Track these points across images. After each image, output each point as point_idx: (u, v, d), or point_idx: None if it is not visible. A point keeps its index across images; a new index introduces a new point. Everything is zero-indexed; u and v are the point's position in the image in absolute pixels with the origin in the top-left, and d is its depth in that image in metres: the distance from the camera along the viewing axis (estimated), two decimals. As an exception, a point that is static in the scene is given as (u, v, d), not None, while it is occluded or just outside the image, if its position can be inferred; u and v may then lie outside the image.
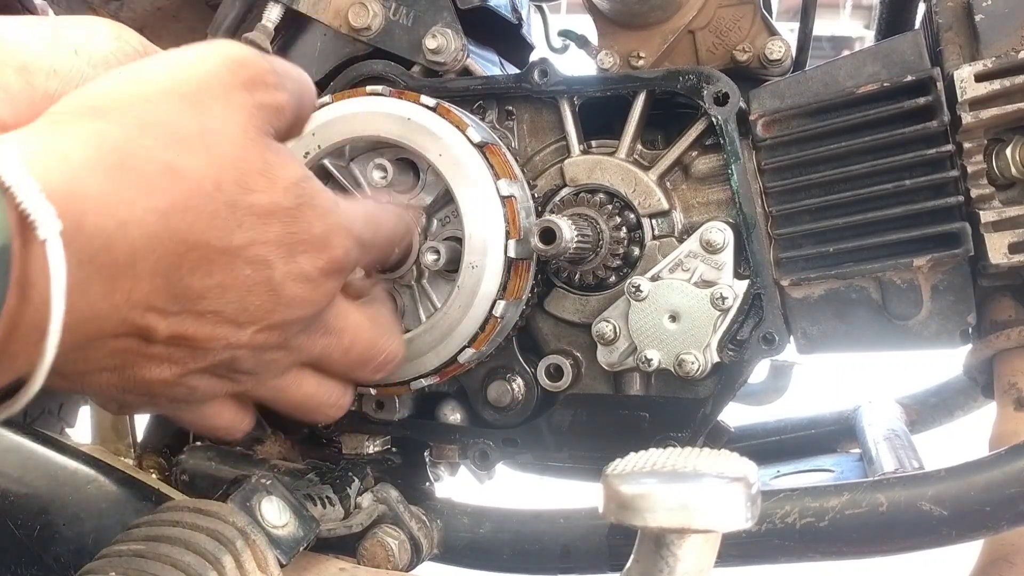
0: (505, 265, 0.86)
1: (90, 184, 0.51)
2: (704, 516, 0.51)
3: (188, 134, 0.58)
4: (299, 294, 0.65)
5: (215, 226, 0.58)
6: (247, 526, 0.73)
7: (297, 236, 0.64)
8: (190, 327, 0.61)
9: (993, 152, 0.82)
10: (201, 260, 0.58)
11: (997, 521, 0.75)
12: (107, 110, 0.56)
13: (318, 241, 0.65)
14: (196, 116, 0.59)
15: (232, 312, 0.62)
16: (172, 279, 0.57)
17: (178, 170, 0.56)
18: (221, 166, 0.59)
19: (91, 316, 0.54)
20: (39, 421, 1.55)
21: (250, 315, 0.63)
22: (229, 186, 0.59)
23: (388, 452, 1.02)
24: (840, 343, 0.89)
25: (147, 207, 0.54)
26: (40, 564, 0.83)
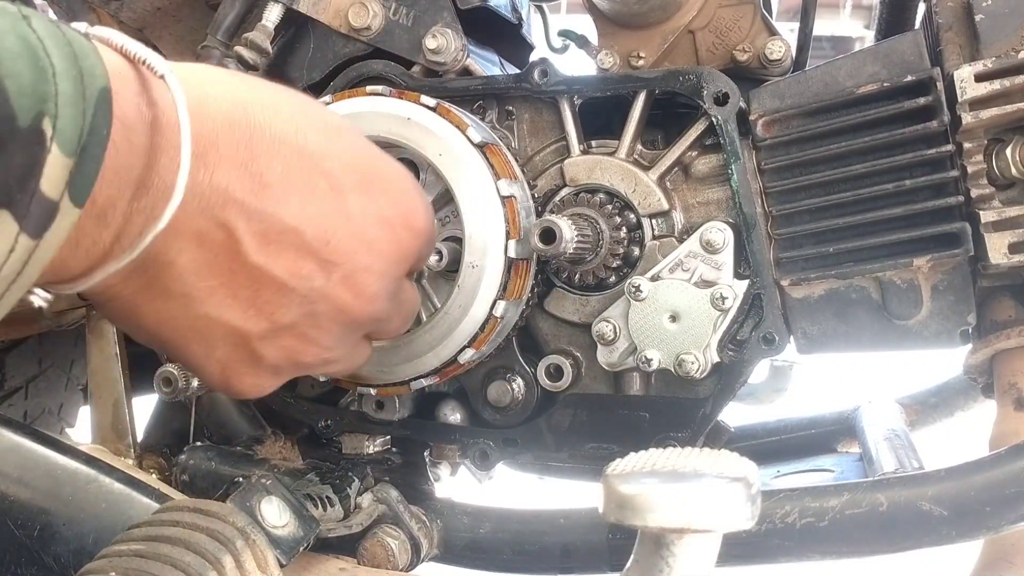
0: (505, 265, 0.86)
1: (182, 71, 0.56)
2: (704, 516, 0.51)
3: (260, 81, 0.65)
4: (380, 237, 0.66)
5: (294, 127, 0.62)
6: (247, 526, 0.73)
7: (370, 174, 0.66)
8: (272, 249, 0.61)
9: (993, 152, 0.82)
10: (277, 155, 0.60)
11: (997, 521, 0.75)
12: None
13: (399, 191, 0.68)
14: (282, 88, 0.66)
15: (313, 237, 0.62)
16: (250, 169, 0.59)
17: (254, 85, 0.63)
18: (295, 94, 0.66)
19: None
20: (39, 421, 1.55)
21: (332, 250, 0.63)
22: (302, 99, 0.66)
23: (388, 452, 1.02)
24: (840, 343, 0.89)
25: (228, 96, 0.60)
26: (40, 564, 0.83)
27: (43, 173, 0.46)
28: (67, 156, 0.47)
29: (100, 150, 0.49)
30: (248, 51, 0.98)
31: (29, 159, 0.45)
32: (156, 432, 1.13)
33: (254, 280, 0.61)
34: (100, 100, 0.49)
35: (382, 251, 0.66)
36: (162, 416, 1.14)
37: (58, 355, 1.57)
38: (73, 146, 0.47)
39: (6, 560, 0.84)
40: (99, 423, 1.06)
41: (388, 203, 0.67)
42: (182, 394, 0.93)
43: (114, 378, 1.06)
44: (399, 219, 0.67)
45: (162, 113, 0.54)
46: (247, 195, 0.59)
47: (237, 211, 0.59)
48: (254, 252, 0.60)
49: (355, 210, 0.64)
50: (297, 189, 0.61)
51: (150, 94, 0.54)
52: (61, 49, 0.47)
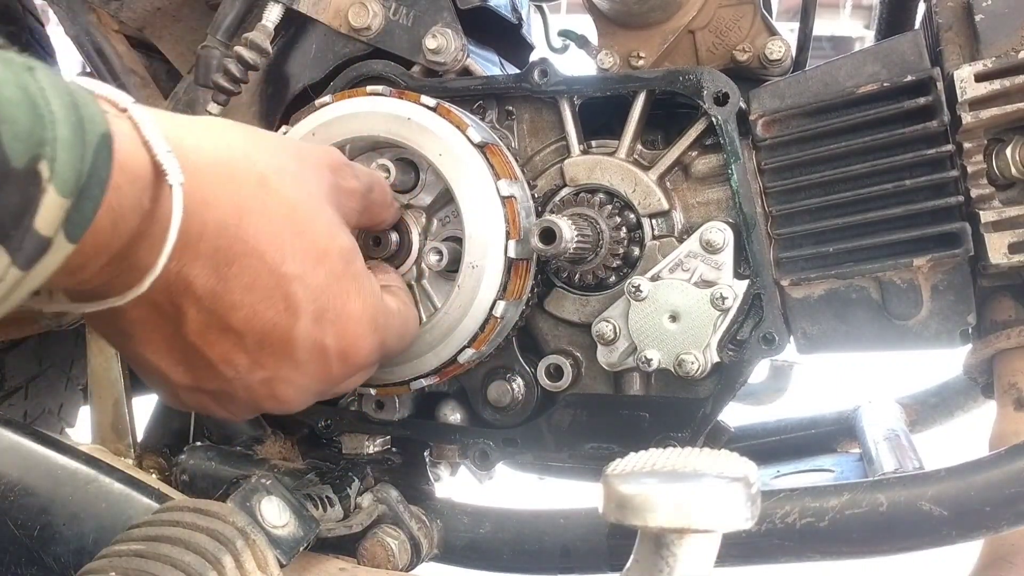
0: (505, 265, 0.86)
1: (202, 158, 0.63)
2: (704, 516, 0.51)
3: (284, 168, 0.70)
4: (310, 362, 0.71)
5: (276, 245, 0.67)
6: (247, 526, 0.73)
7: (331, 306, 0.71)
8: (212, 337, 0.67)
9: (993, 152, 0.82)
10: (250, 267, 0.65)
11: (997, 521, 0.75)
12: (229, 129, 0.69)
13: (349, 327, 0.72)
14: (296, 161, 0.72)
15: (251, 342, 0.68)
16: (220, 272, 0.64)
17: (268, 184, 0.67)
18: (301, 201, 0.70)
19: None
20: (39, 421, 1.55)
21: (264, 356, 0.69)
22: (301, 218, 0.69)
23: (388, 452, 1.02)
24: (840, 343, 0.89)
25: (228, 200, 0.64)
26: (40, 564, 0.83)
27: (38, 212, 0.49)
28: (63, 197, 0.50)
29: (99, 192, 0.53)
30: (248, 51, 0.97)
31: (24, 198, 0.48)
32: (156, 432, 1.13)
33: (189, 351, 0.68)
34: (100, 145, 0.52)
35: (307, 372, 0.72)
36: (162, 416, 1.14)
37: (58, 355, 1.57)
38: (70, 187, 0.50)
39: (6, 560, 0.84)
40: (99, 423, 1.06)
41: (333, 336, 0.71)
42: (182, 394, 0.93)
43: (114, 378, 1.06)
44: (336, 352, 0.72)
45: (160, 209, 0.58)
46: (206, 293, 0.65)
47: (192, 302, 0.65)
48: (195, 334, 0.67)
49: (299, 333, 0.69)
50: (253, 301, 0.67)
51: (158, 190, 0.58)
52: (61, 98, 0.50)
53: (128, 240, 0.58)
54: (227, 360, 0.69)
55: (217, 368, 0.69)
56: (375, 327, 0.75)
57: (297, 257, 0.68)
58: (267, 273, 0.66)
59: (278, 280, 0.67)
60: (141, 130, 0.57)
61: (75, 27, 1.17)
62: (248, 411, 0.75)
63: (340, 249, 0.72)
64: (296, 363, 0.70)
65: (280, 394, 0.72)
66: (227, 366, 0.69)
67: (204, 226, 0.62)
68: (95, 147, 0.52)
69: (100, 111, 0.54)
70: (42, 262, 0.51)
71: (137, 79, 1.17)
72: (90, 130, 0.52)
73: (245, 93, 1.03)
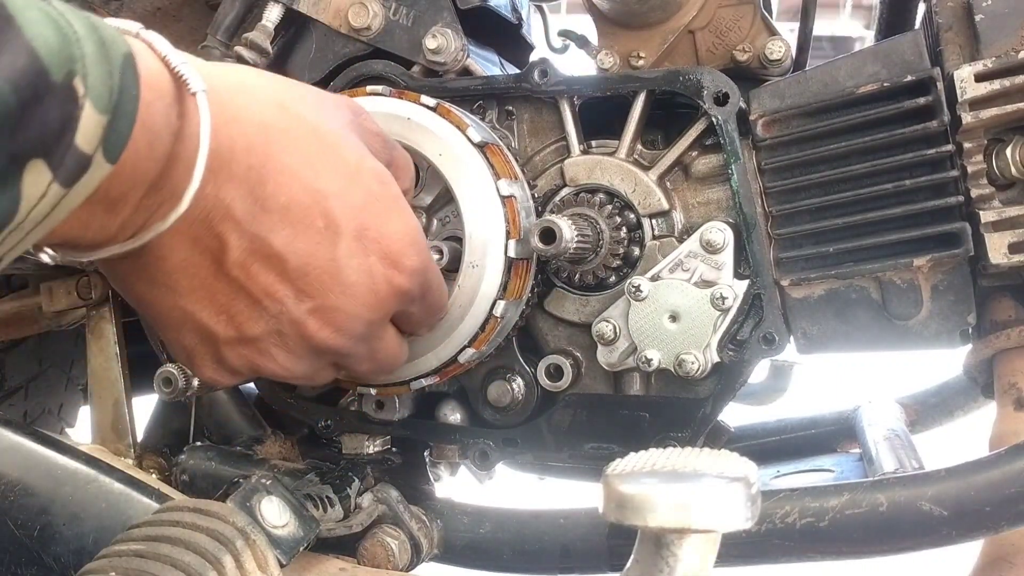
0: (505, 265, 0.86)
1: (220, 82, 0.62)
2: (704, 516, 0.51)
3: (303, 95, 0.70)
4: (357, 284, 0.69)
5: (307, 163, 0.66)
6: (247, 526, 0.73)
7: (372, 224, 0.69)
8: (255, 268, 0.65)
9: (993, 152, 0.82)
10: (284, 186, 0.64)
11: (997, 521, 0.75)
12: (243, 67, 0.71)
13: (393, 246, 0.70)
14: (314, 93, 0.72)
15: (294, 268, 0.66)
16: (256, 192, 0.63)
17: (288, 108, 0.66)
18: (323, 123, 0.69)
19: None
20: (39, 421, 1.55)
21: (309, 283, 0.67)
22: (326, 138, 0.68)
23: (388, 452, 1.01)
24: (840, 343, 0.89)
25: (252, 118, 0.63)
26: (40, 564, 0.83)
27: (78, 128, 0.49)
28: (100, 113, 0.50)
29: (132, 108, 0.53)
30: (248, 51, 0.98)
31: (64, 114, 0.48)
32: (156, 432, 1.13)
33: (232, 290, 0.66)
34: (125, 64, 0.52)
35: (356, 296, 0.69)
36: (162, 416, 1.14)
37: (58, 355, 1.57)
38: (105, 103, 0.50)
39: (6, 560, 0.84)
40: (99, 423, 1.06)
41: (377, 255, 0.70)
42: (182, 394, 0.93)
43: (114, 378, 1.06)
44: (382, 273, 0.70)
45: (188, 125, 0.58)
46: (245, 216, 0.63)
47: (232, 227, 0.63)
48: (237, 266, 0.65)
49: (342, 253, 0.67)
50: (293, 221, 0.65)
51: (183, 105, 0.58)
52: (81, 20, 0.51)
53: (163, 164, 0.57)
54: (271, 293, 0.66)
55: (262, 304, 0.67)
56: (418, 248, 0.73)
57: (330, 174, 0.67)
58: (302, 191, 0.65)
59: (315, 197, 0.66)
60: (156, 48, 0.57)
61: (75, 27, 1.16)
62: (300, 352, 0.71)
63: (373, 169, 0.71)
64: (343, 286, 0.68)
65: (331, 321, 0.69)
66: (271, 300, 0.67)
67: (233, 142, 0.61)
68: (120, 65, 0.52)
69: (118, 33, 0.54)
70: (83, 181, 0.51)
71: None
72: (113, 49, 0.52)
73: (245, 93, 1.02)
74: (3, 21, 0.46)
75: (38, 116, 0.47)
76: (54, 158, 0.49)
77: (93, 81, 0.50)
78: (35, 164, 0.48)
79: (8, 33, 0.46)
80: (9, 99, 0.45)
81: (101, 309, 1.09)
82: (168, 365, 0.93)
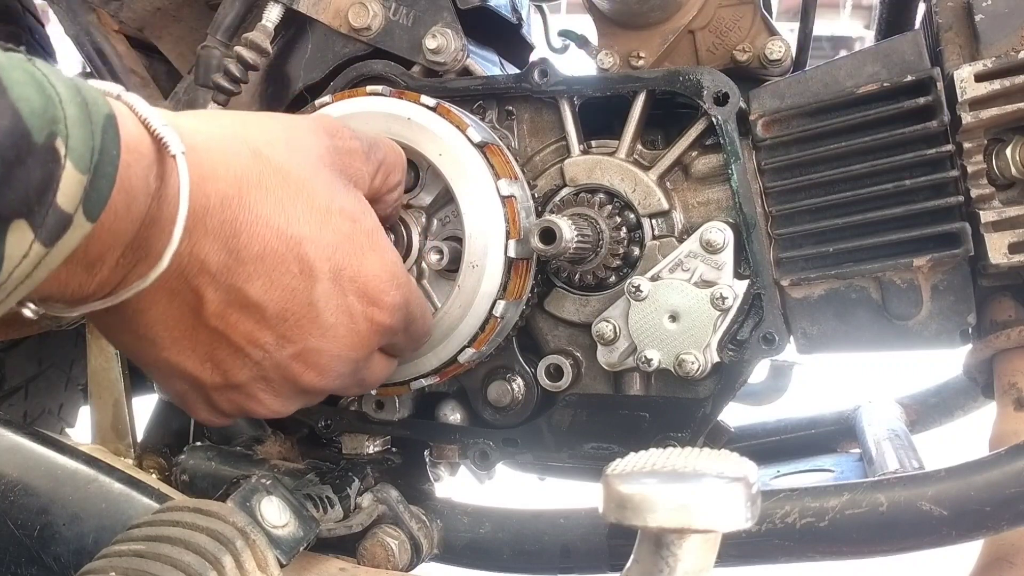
0: (505, 265, 0.86)
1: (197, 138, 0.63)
2: (704, 516, 0.51)
3: (275, 138, 0.70)
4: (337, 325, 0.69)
5: (278, 210, 0.66)
6: (247, 526, 0.73)
7: (347, 264, 0.69)
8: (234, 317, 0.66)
9: (993, 152, 0.82)
10: (258, 235, 0.65)
11: (997, 521, 0.75)
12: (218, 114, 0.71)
13: (370, 285, 0.71)
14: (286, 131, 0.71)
15: (273, 315, 0.67)
16: (230, 244, 0.64)
17: (261, 154, 0.67)
18: (295, 166, 0.69)
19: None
20: (39, 421, 1.55)
21: (289, 328, 0.68)
22: (296, 182, 0.68)
23: (388, 452, 1.02)
24: (840, 343, 0.89)
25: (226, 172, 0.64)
26: (40, 564, 0.83)
27: (59, 188, 0.50)
28: (81, 173, 0.51)
29: (112, 169, 0.54)
30: (248, 51, 0.97)
31: (46, 174, 0.49)
32: (156, 432, 1.13)
33: (213, 339, 0.67)
34: (107, 125, 0.54)
35: (337, 337, 0.70)
36: (162, 416, 1.14)
37: (58, 355, 1.57)
38: (86, 163, 0.52)
39: (6, 560, 0.84)
40: (99, 423, 1.06)
41: (355, 294, 0.70)
42: (182, 394, 0.93)
43: (114, 378, 1.06)
44: (362, 311, 0.71)
45: (167, 187, 0.59)
46: (220, 268, 0.64)
47: (208, 280, 0.64)
48: (216, 317, 0.66)
49: (319, 296, 0.68)
50: (268, 270, 0.66)
51: (162, 166, 0.59)
52: (64, 83, 0.52)
53: (140, 224, 0.58)
54: (252, 340, 0.67)
55: (244, 352, 0.68)
56: (397, 283, 0.73)
57: (302, 218, 0.67)
58: (276, 238, 0.66)
59: (288, 243, 0.66)
60: (137, 111, 0.58)
61: (75, 27, 1.17)
62: (287, 394, 0.72)
63: (341, 208, 0.71)
64: (323, 329, 0.69)
65: (315, 364, 0.70)
66: (254, 347, 0.68)
67: (208, 199, 0.62)
68: (102, 126, 0.53)
69: (100, 95, 0.55)
70: (64, 239, 0.52)
71: (137, 79, 1.17)
72: (95, 111, 0.53)
73: (245, 93, 1.02)
74: None
75: (20, 177, 0.48)
76: (36, 217, 0.50)
77: (74, 142, 0.51)
78: (18, 224, 0.49)
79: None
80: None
81: (101, 309, 1.09)
82: None
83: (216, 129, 0.67)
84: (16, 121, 0.48)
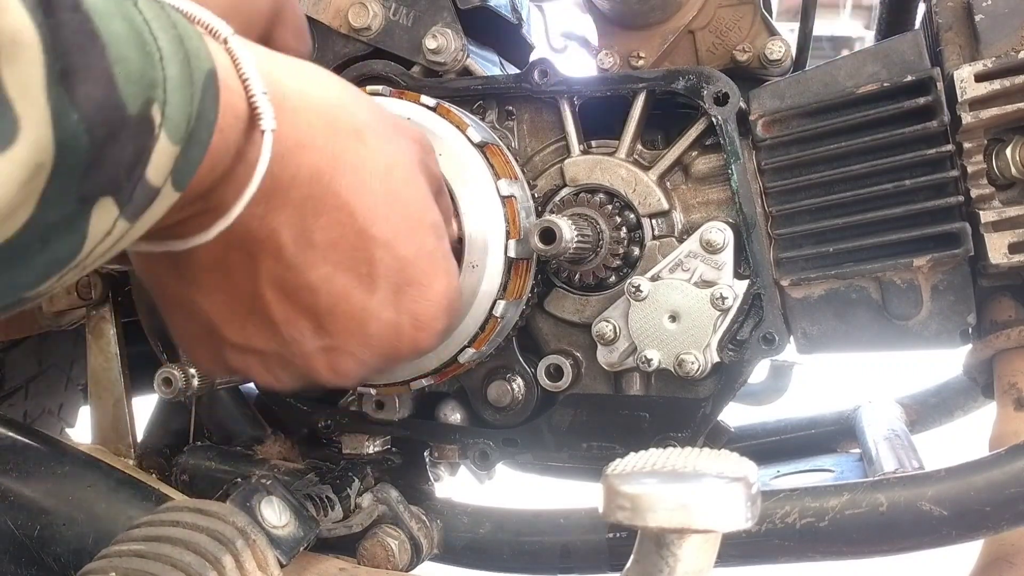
0: (505, 265, 0.86)
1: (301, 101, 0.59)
2: (704, 516, 0.51)
3: (382, 127, 0.65)
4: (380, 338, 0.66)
5: (368, 204, 0.62)
6: (247, 526, 0.73)
7: (414, 281, 0.66)
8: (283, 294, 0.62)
9: (993, 152, 0.82)
10: (337, 222, 0.61)
11: (997, 521, 0.75)
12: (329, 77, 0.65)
13: (427, 311, 0.67)
14: (391, 125, 0.67)
15: (323, 305, 0.63)
16: (307, 223, 0.60)
17: (365, 139, 0.63)
18: (397, 163, 0.65)
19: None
20: (39, 421, 1.55)
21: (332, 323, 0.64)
22: (396, 181, 0.64)
23: (388, 452, 1.02)
24: (840, 343, 0.89)
25: (325, 147, 0.60)
26: (40, 564, 0.83)
27: (150, 161, 0.46)
28: (174, 144, 0.47)
29: (207, 135, 0.50)
30: (248, 51, 0.97)
31: (138, 148, 0.45)
32: (156, 432, 1.13)
33: (253, 305, 0.64)
34: (207, 84, 0.49)
35: (373, 348, 0.67)
36: (162, 416, 1.14)
37: (58, 355, 1.57)
38: (181, 133, 0.47)
39: (6, 560, 0.84)
40: (99, 423, 1.06)
41: (410, 315, 0.66)
42: (182, 394, 0.92)
43: (114, 378, 1.06)
44: (409, 334, 0.67)
45: (253, 150, 0.55)
46: (289, 244, 0.60)
47: (272, 251, 0.61)
48: (266, 287, 0.62)
49: (374, 305, 0.65)
50: (335, 260, 0.62)
51: (252, 129, 0.54)
52: (167, 32, 0.46)
53: (219, 179, 0.54)
54: (291, 322, 0.64)
55: (278, 329, 0.64)
56: (450, 312, 0.70)
57: (389, 222, 0.63)
58: (354, 233, 0.62)
59: (365, 242, 0.62)
60: (240, 66, 0.53)
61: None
62: (297, 380, 0.69)
63: (433, 224, 0.67)
64: (365, 336, 0.66)
65: (339, 367, 0.67)
66: (290, 328, 0.64)
67: (298, 170, 0.58)
68: (202, 86, 0.48)
69: (204, 44, 0.50)
70: (149, 211, 0.48)
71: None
72: (196, 67, 0.48)
73: (245, 93, 1.02)
74: (87, 37, 0.41)
75: (111, 155, 0.43)
76: (123, 194, 0.45)
77: (171, 109, 0.46)
78: (103, 202, 0.44)
79: (91, 54, 0.41)
80: (82, 139, 0.41)
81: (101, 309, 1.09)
82: (168, 365, 0.93)
83: (323, 96, 0.62)
84: (110, 92, 0.42)
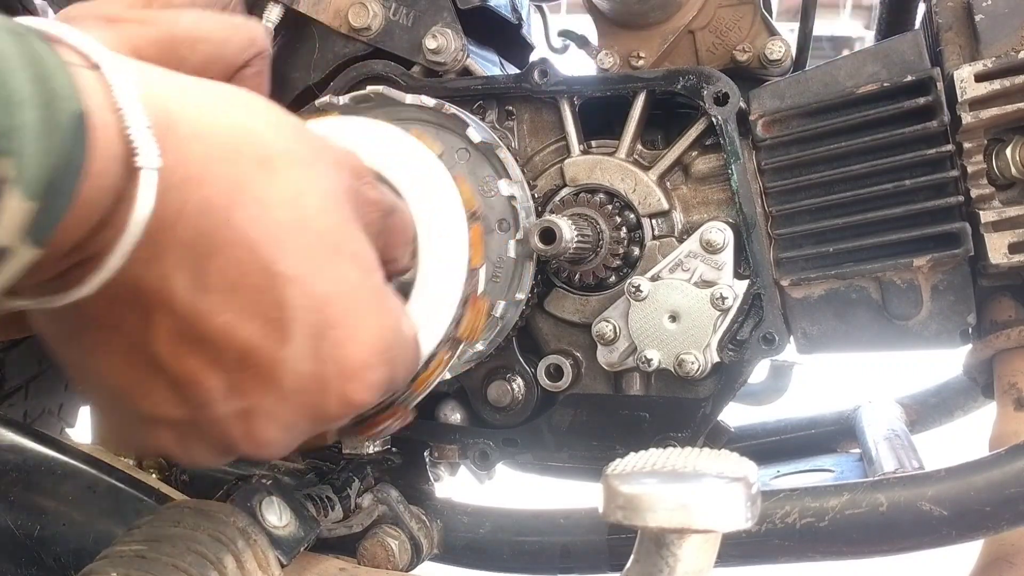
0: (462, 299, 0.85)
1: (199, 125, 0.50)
2: (704, 516, 0.51)
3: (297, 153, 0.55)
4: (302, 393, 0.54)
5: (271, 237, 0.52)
6: (248, 526, 0.73)
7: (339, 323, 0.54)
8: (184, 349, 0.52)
9: (993, 152, 0.82)
10: (236, 261, 0.51)
11: (997, 521, 0.75)
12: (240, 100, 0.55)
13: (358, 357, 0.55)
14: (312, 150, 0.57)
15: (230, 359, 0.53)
16: (199, 265, 0.50)
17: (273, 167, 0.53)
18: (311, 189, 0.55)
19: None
20: (39, 421, 1.55)
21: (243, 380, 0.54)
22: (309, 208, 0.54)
23: (388, 452, 1.01)
24: (840, 343, 0.89)
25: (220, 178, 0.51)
26: (40, 564, 0.83)
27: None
28: (30, 199, 0.41)
29: (71, 185, 0.43)
30: (248, 51, 0.97)
31: None
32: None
33: (151, 366, 0.53)
34: (74, 127, 0.42)
35: (294, 406, 0.55)
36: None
37: (58, 355, 1.56)
38: (39, 188, 0.41)
39: (6, 560, 0.84)
40: (99, 423, 1.06)
41: (336, 363, 0.54)
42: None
43: (114, 378, 1.06)
44: (335, 387, 0.55)
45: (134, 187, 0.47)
46: (182, 291, 0.51)
47: (162, 299, 0.51)
48: (161, 343, 0.52)
49: (290, 355, 0.53)
50: (238, 306, 0.52)
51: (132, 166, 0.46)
52: (25, 70, 0.40)
53: (95, 225, 0.47)
54: (197, 381, 0.53)
55: (183, 391, 0.53)
56: (389, 357, 0.57)
57: (299, 255, 0.52)
58: (257, 271, 0.51)
59: (271, 281, 0.51)
60: (116, 97, 0.46)
61: (75, 27, 1.16)
62: (215, 454, 0.58)
63: (356, 254, 0.56)
64: (283, 393, 0.54)
65: (258, 433, 0.55)
66: (196, 389, 0.53)
67: (184, 205, 0.49)
68: (69, 130, 0.42)
69: (71, 78, 0.43)
70: (2, 271, 0.42)
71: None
72: (61, 108, 0.42)
73: (245, 93, 1.02)
74: None
75: None
76: None
77: (27, 161, 0.39)
78: None
79: None
80: None
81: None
82: None
83: (225, 123, 0.53)
84: None
